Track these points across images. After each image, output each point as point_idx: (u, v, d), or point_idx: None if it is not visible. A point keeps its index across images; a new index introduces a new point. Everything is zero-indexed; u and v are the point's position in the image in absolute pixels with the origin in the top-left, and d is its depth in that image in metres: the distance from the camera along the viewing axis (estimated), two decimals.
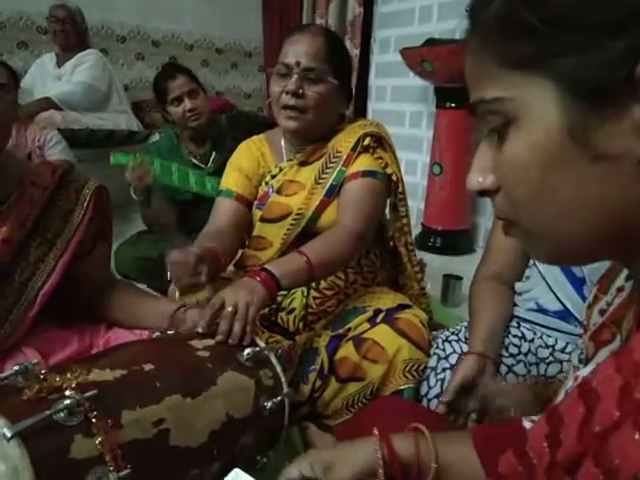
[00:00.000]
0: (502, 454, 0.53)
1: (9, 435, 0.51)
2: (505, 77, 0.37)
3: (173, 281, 0.93)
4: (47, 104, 2.50)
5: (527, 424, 0.62)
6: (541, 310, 1.03)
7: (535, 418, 0.64)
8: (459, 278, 1.90)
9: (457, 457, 0.60)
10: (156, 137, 2.13)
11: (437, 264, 2.10)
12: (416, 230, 2.36)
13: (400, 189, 1.21)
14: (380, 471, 0.57)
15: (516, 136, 0.37)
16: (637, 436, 0.29)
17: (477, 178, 0.42)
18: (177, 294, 0.93)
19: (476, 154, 0.43)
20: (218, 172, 1.85)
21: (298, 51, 1.10)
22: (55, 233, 0.92)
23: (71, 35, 2.71)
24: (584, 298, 0.96)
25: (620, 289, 0.49)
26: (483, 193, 0.43)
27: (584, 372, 0.47)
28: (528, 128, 0.36)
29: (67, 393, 0.58)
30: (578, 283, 0.97)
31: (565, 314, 0.99)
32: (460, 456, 0.60)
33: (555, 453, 0.35)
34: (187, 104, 1.89)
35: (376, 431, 0.60)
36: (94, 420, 0.57)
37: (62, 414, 0.55)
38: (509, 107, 0.37)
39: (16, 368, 0.61)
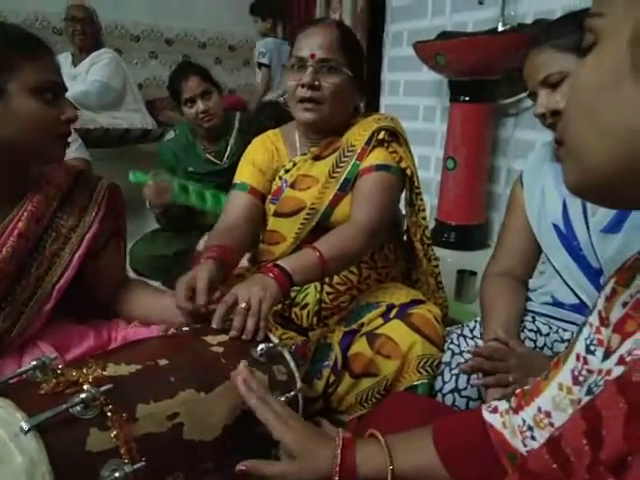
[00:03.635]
0: (465, 457, 0.59)
1: (26, 428, 0.52)
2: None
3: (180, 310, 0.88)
4: None
5: (487, 415, 0.62)
6: (557, 304, 1.02)
7: (496, 404, 0.64)
8: (473, 273, 1.87)
9: (418, 463, 0.62)
10: (171, 135, 2.14)
11: (451, 259, 2.08)
12: (429, 225, 2.34)
13: (416, 183, 1.20)
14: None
15: (590, 58, 0.38)
16: None
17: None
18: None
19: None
20: (233, 168, 1.86)
21: (312, 44, 1.10)
22: (70, 229, 0.95)
23: (88, 35, 2.74)
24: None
25: None
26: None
27: (609, 365, 0.45)
28: (601, 50, 0.38)
29: (83, 387, 0.59)
30: (594, 275, 0.94)
31: (581, 307, 0.97)
32: (421, 462, 0.62)
33: (597, 451, 0.34)
34: (200, 106, 1.89)
35: (340, 441, 0.64)
36: (109, 414, 0.58)
37: (78, 408, 0.56)
38: (601, 23, 0.38)
39: (34, 363, 0.61)
